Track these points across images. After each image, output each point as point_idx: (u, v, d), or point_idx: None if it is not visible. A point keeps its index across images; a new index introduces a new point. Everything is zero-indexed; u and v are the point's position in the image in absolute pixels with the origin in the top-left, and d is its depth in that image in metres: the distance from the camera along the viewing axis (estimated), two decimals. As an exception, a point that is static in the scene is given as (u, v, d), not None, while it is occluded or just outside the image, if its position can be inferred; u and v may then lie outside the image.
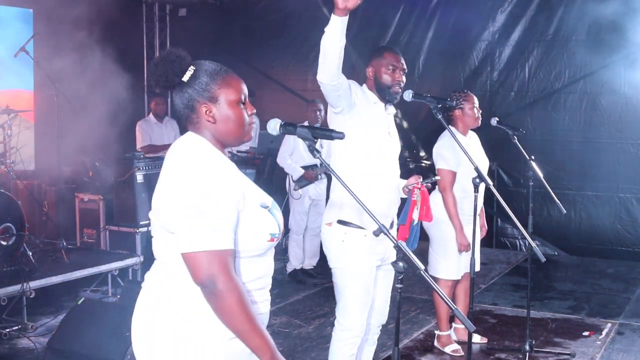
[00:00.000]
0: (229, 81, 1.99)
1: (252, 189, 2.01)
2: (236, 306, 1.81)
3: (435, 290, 2.10)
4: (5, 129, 6.05)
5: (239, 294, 1.82)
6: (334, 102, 3.18)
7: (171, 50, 1.99)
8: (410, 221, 3.24)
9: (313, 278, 6.53)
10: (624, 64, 7.14)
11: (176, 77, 1.96)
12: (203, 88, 1.96)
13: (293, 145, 6.39)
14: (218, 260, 1.81)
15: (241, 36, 8.85)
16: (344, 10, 2.79)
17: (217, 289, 1.81)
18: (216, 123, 1.98)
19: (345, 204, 3.23)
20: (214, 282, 1.81)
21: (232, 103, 1.98)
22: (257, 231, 1.93)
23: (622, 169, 7.22)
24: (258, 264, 1.99)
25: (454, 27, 7.98)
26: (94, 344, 4.05)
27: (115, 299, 5.54)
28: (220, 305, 1.82)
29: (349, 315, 3.33)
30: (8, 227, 5.29)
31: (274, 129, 2.08)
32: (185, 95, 1.98)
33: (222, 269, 1.81)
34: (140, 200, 6.06)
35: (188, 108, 1.99)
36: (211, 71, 1.98)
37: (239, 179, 1.97)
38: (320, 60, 2.98)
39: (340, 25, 2.84)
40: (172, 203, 1.87)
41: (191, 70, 1.97)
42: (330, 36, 2.89)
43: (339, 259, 3.32)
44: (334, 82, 3.03)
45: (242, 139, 2.03)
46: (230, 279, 1.81)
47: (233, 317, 1.82)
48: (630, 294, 6.07)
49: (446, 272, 4.48)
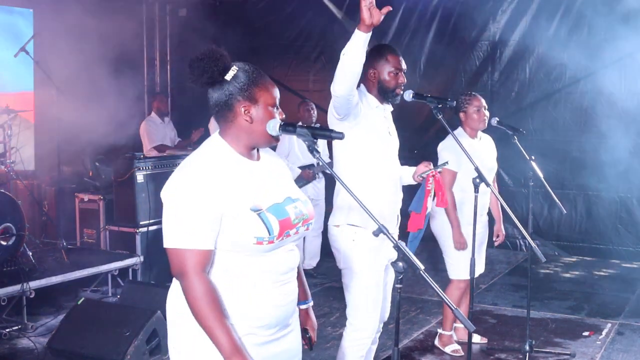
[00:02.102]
0: (267, 85, 2.08)
1: (249, 191, 2.03)
2: (199, 303, 1.92)
3: (436, 290, 2.10)
4: (5, 129, 6.05)
5: (202, 291, 1.92)
6: (342, 112, 3.17)
7: (214, 48, 2.05)
8: (426, 209, 3.24)
9: (313, 278, 6.52)
10: (624, 64, 7.14)
11: (220, 75, 2.03)
12: (244, 88, 2.04)
13: (289, 147, 6.39)
14: (189, 258, 1.93)
15: (241, 36, 8.84)
16: (370, 27, 2.79)
17: (183, 285, 1.95)
18: (252, 123, 2.05)
19: (353, 207, 3.23)
20: (182, 278, 1.95)
21: (269, 106, 2.07)
22: (241, 235, 1.98)
23: (622, 169, 7.22)
24: (260, 260, 2.03)
25: (455, 27, 7.98)
26: (94, 344, 4.05)
27: (115, 299, 5.54)
28: (187, 300, 1.95)
29: (360, 315, 3.32)
30: (8, 227, 5.29)
31: (273, 129, 2.08)
32: (226, 93, 2.05)
33: (190, 267, 1.93)
34: (140, 200, 6.05)
35: (226, 105, 2.06)
36: (252, 73, 2.07)
37: (233, 183, 2.00)
38: (338, 74, 2.95)
39: (364, 41, 2.83)
40: (164, 198, 2.00)
41: (235, 69, 2.05)
42: (352, 51, 2.86)
43: (348, 259, 3.31)
44: (350, 96, 3.04)
45: (272, 141, 2.12)
46: (195, 276, 1.93)
47: (195, 311, 1.93)
48: (630, 294, 6.07)
49: (456, 273, 4.48)
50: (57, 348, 4.20)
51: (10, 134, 6.05)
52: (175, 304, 2.07)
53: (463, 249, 4.28)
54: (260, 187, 2.07)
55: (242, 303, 2.01)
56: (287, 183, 2.21)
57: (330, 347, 4.68)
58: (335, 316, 5.38)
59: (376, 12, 2.76)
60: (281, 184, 2.17)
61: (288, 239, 2.07)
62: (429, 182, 3.24)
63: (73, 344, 4.13)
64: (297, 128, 2.09)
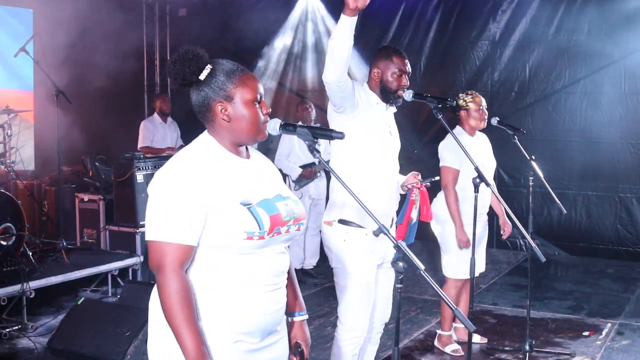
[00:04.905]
0: (245, 80, 2.02)
1: (239, 186, 1.99)
2: (169, 299, 1.86)
3: (436, 290, 2.10)
4: (5, 129, 6.04)
5: (176, 289, 1.87)
6: (337, 102, 3.18)
7: (188, 48, 2.00)
8: (408, 220, 3.24)
9: (313, 278, 6.53)
10: (624, 64, 7.14)
11: (193, 76, 2.00)
12: (219, 87, 1.99)
13: (289, 147, 6.39)
14: (167, 252, 1.88)
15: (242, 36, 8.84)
16: (354, 11, 2.78)
17: (158, 279, 1.90)
18: (231, 122, 2.01)
19: (347, 203, 3.23)
20: (158, 273, 1.90)
21: (248, 102, 2.01)
22: (231, 229, 1.92)
23: (622, 169, 7.22)
24: (249, 259, 1.97)
25: (455, 27, 7.98)
26: (94, 344, 4.05)
27: (115, 299, 5.54)
28: (160, 295, 1.89)
29: (351, 314, 3.32)
30: (8, 227, 5.29)
31: (273, 129, 2.08)
32: (202, 94, 2.01)
33: (169, 261, 1.88)
34: (140, 200, 6.05)
35: (204, 106, 2.02)
36: (228, 70, 2.01)
37: (220, 178, 1.96)
38: (327, 60, 2.96)
39: (350, 25, 2.83)
40: (149, 192, 1.97)
41: (208, 68, 2.00)
42: (339, 36, 2.87)
43: (340, 258, 3.31)
44: (340, 83, 3.03)
45: (256, 137, 2.06)
46: (173, 273, 1.88)
47: (165, 309, 1.88)
48: (630, 294, 6.07)
49: (454, 272, 4.48)
50: (57, 348, 4.19)
51: (10, 134, 6.05)
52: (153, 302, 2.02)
53: (466, 247, 4.28)
54: (249, 182, 2.03)
55: (231, 308, 1.95)
56: (278, 183, 2.16)
57: (330, 347, 4.64)
58: (335, 316, 5.32)
59: None
60: (272, 182, 2.12)
61: (279, 237, 2.00)
62: (413, 192, 3.24)
63: (73, 344, 4.12)
64: (298, 128, 2.08)
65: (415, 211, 3.25)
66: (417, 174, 3.34)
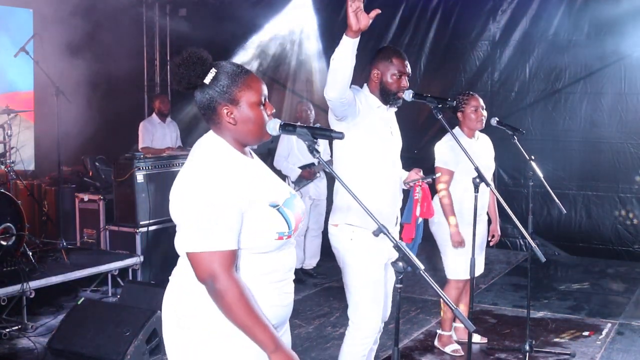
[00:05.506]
0: (249, 83, 2.03)
1: (264, 187, 2.03)
2: (235, 303, 1.88)
3: (436, 290, 2.10)
4: (5, 129, 6.05)
5: (238, 292, 1.89)
6: (339, 114, 3.19)
7: (193, 51, 2.01)
8: (415, 219, 3.25)
9: (313, 278, 6.53)
10: (624, 64, 7.13)
11: (198, 79, 2.01)
12: (224, 90, 2.00)
13: (289, 147, 6.38)
14: (218, 260, 1.89)
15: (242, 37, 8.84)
16: (357, 32, 2.78)
17: (216, 288, 1.89)
18: (237, 124, 2.03)
19: (352, 207, 3.23)
20: (213, 281, 1.89)
21: (253, 105, 2.03)
22: (264, 231, 1.97)
23: (622, 169, 7.22)
24: (271, 258, 2.03)
25: (455, 27, 7.98)
26: (94, 344, 4.05)
27: (115, 299, 5.54)
28: (221, 302, 1.90)
29: (362, 314, 3.32)
30: (8, 227, 5.30)
31: (273, 129, 2.08)
32: (207, 97, 2.02)
33: (221, 268, 1.88)
34: (140, 200, 6.06)
35: (209, 109, 2.03)
36: (232, 73, 2.02)
37: (248, 180, 1.99)
38: (329, 79, 2.96)
39: (352, 46, 2.83)
40: (180, 201, 1.95)
41: (212, 72, 2.01)
42: (341, 57, 2.86)
43: (348, 257, 3.32)
44: (342, 99, 3.04)
45: (261, 138, 2.09)
46: (228, 278, 1.89)
47: (233, 313, 1.89)
48: (630, 294, 6.07)
49: (454, 273, 4.48)
50: (57, 348, 4.20)
51: (10, 134, 6.05)
52: (181, 306, 2.02)
53: (461, 247, 4.28)
54: (267, 183, 2.07)
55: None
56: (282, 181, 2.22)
57: (330, 347, 4.68)
58: (335, 316, 5.38)
59: (364, 16, 2.74)
60: (279, 181, 2.18)
61: (295, 233, 2.08)
62: (415, 191, 3.25)
63: (73, 344, 4.13)
64: (297, 128, 2.09)
65: (419, 209, 3.27)
66: (418, 170, 3.35)
